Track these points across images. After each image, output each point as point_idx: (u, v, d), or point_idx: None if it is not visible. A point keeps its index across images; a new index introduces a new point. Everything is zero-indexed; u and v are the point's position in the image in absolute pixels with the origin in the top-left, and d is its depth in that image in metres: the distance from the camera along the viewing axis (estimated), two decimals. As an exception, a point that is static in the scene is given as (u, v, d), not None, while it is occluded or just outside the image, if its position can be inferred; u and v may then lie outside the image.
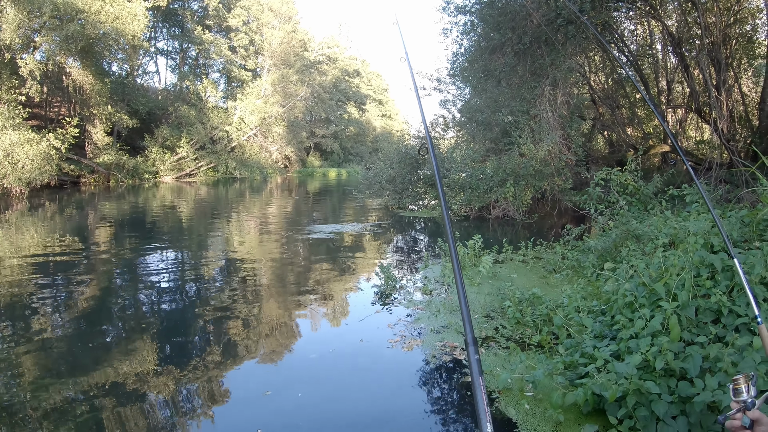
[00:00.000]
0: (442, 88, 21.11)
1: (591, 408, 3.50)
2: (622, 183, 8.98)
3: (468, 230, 12.58)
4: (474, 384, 1.31)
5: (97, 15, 23.29)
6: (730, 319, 3.55)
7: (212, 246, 11.25)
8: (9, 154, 20.20)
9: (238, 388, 4.39)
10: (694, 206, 6.61)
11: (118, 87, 31.23)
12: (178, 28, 42.72)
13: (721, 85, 13.11)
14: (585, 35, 14.67)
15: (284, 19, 46.53)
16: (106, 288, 7.66)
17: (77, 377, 4.45)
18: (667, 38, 15.82)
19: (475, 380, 1.30)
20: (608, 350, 3.74)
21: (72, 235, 11.95)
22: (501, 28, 15.17)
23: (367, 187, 19.98)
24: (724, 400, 2.83)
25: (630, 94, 19.62)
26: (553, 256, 8.39)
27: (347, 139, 67.05)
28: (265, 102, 42.14)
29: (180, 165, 35.30)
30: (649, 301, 4.03)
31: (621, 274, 5.13)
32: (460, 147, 17.65)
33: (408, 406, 4.09)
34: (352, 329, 5.85)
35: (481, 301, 6.49)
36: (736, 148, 13.19)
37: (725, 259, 3.99)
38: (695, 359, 3.15)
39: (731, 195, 9.58)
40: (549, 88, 15.08)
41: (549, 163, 14.50)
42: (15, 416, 3.79)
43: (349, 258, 10.08)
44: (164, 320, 6.18)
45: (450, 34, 22.77)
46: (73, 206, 18.89)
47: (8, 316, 6.16)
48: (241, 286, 7.74)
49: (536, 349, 4.86)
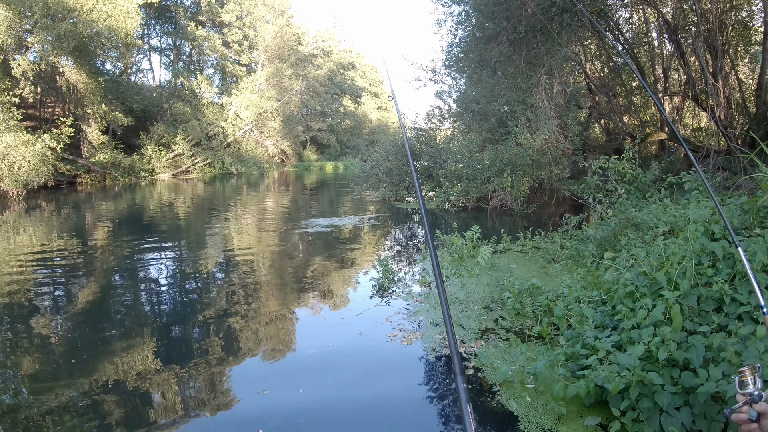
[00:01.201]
0: (438, 79, 21.01)
1: (593, 400, 3.47)
2: (620, 171, 8.94)
3: (466, 221, 12.54)
4: (463, 411, 1.30)
5: (89, 13, 23.11)
6: (732, 307, 3.51)
7: (210, 242, 11.20)
8: (5, 156, 20.09)
9: (239, 385, 4.36)
10: (693, 194, 6.58)
11: (113, 85, 31.04)
12: (171, 24, 42.52)
13: (718, 72, 13.05)
14: (580, 23, 14.59)
15: (278, 13, 46.24)
16: (105, 287, 7.62)
17: (77, 376, 4.41)
18: (663, 26, 15.71)
19: (464, 407, 1.29)
20: (610, 341, 3.71)
21: (70, 236, 11.90)
22: (496, 18, 15.07)
23: (364, 179, 19.94)
24: (728, 390, 2.78)
25: (626, 82, 19.54)
26: (551, 246, 8.35)
27: (343, 132, 66.83)
28: (260, 97, 41.96)
29: (176, 162, 35.16)
30: (650, 291, 3.99)
31: (621, 263, 5.10)
32: (457, 138, 17.59)
33: (408, 400, 4.06)
34: (350, 323, 5.81)
35: (480, 293, 6.46)
36: (733, 135, 13.14)
37: (726, 246, 3.95)
38: (698, 349, 3.11)
39: (729, 182, 9.54)
40: (545, 77, 15.01)
41: (546, 153, 14.45)
42: (16, 416, 3.75)
43: (347, 251, 10.05)
44: (163, 317, 6.15)
45: (444, 24, 22.78)
46: (71, 206, 18.82)
47: (9, 316, 6.13)
48: (240, 281, 7.70)
49: (537, 341, 4.83)
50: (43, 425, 3.69)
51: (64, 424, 3.68)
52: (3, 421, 3.72)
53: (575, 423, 3.44)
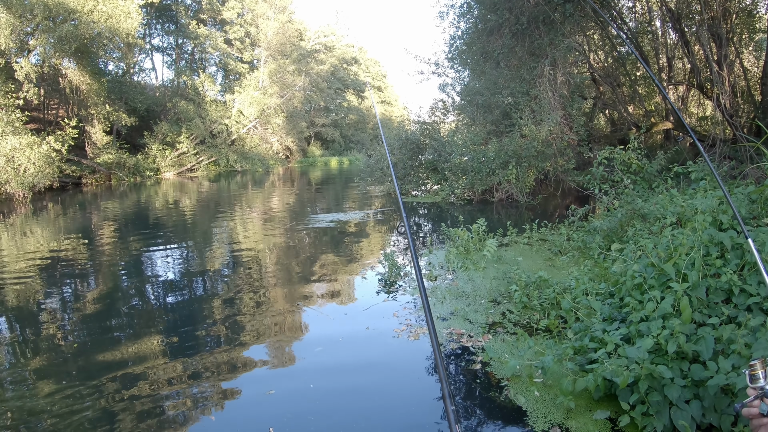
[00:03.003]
0: (441, 72, 20.95)
1: (602, 394, 3.45)
2: (626, 162, 8.88)
3: (472, 214, 12.51)
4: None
5: (90, 15, 23.10)
6: (742, 298, 3.48)
7: (216, 240, 11.22)
8: (10, 159, 20.15)
9: (247, 383, 4.35)
10: (701, 183, 6.53)
11: (115, 86, 31.07)
12: (172, 23, 42.42)
13: (723, 60, 12.94)
14: (583, 13, 14.50)
15: (279, 10, 46.11)
16: (112, 286, 7.64)
17: (85, 374, 4.43)
18: (666, 14, 15.61)
19: (453, 429, 1.29)
20: (618, 334, 3.68)
21: (77, 236, 11.94)
22: (498, 9, 15.01)
23: (368, 174, 19.94)
24: (738, 383, 2.76)
25: (630, 72, 19.42)
26: (558, 238, 8.32)
27: (347, 127, 66.76)
28: (263, 93, 41.93)
29: (181, 161, 35.22)
30: (658, 282, 3.96)
31: (628, 254, 5.06)
32: (461, 131, 17.56)
33: (415, 395, 4.05)
34: (357, 319, 5.81)
35: (487, 286, 6.44)
36: (739, 124, 13.05)
37: (734, 237, 3.91)
38: (708, 341, 3.08)
39: (736, 171, 9.46)
40: (548, 68, 14.94)
41: (551, 144, 14.40)
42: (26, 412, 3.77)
43: (353, 246, 10.05)
44: (171, 315, 6.16)
45: (446, 17, 22.74)
46: (77, 207, 18.89)
47: (19, 315, 6.16)
48: (247, 278, 7.71)
49: (544, 334, 4.81)
50: (52, 422, 3.70)
51: (72, 422, 3.69)
52: (12, 417, 3.74)
53: (584, 417, 3.42)
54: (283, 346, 5.24)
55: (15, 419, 3.81)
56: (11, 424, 3.73)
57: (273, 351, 5.11)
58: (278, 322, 5.89)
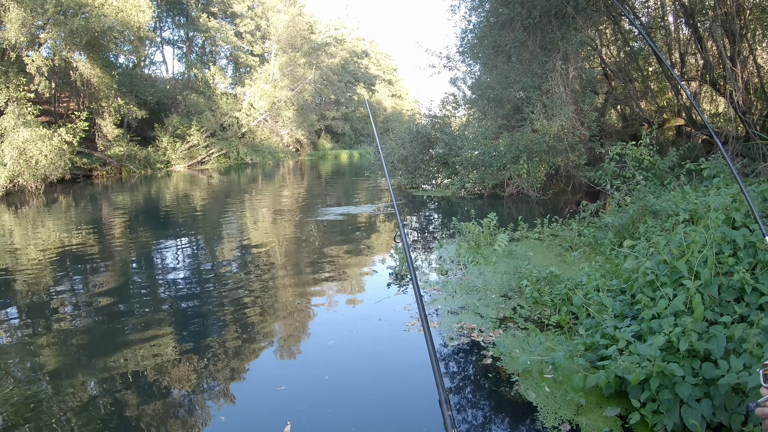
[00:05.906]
0: (452, 66, 20.86)
1: (613, 391, 3.46)
2: (638, 157, 8.85)
3: (482, 208, 12.50)
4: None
5: (101, 8, 23.18)
6: (754, 297, 3.46)
7: (226, 233, 11.27)
8: (23, 151, 20.32)
9: (262, 376, 4.40)
10: (714, 180, 6.49)
11: (126, 79, 31.17)
12: (183, 16, 42.43)
13: (736, 56, 12.81)
14: (595, 8, 14.39)
15: (289, 3, 46.00)
16: (123, 278, 7.71)
17: (96, 367, 4.49)
18: (680, 9, 15.46)
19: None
20: (630, 331, 3.69)
21: (88, 228, 12.05)
22: (510, 3, 14.93)
23: (379, 167, 19.94)
24: (749, 382, 2.76)
25: (643, 68, 19.27)
26: (569, 233, 8.31)
27: (358, 120, 66.65)
28: (273, 86, 41.94)
29: (191, 153, 35.37)
30: (670, 280, 3.96)
31: (640, 251, 5.05)
32: (472, 125, 17.51)
33: (426, 390, 4.07)
34: (369, 312, 5.85)
35: (498, 281, 6.45)
36: (752, 121, 12.94)
37: (747, 235, 3.89)
38: (719, 340, 3.08)
39: (748, 169, 9.40)
40: (560, 62, 14.86)
41: (562, 139, 14.34)
42: (37, 405, 3.82)
43: (364, 240, 10.07)
44: (181, 309, 6.21)
45: (458, 10, 22.57)
46: (88, 199, 19.02)
47: (31, 307, 6.24)
48: (258, 271, 7.75)
49: (555, 330, 4.82)
50: (64, 415, 3.75)
51: (83, 415, 3.75)
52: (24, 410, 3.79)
53: (594, 414, 3.43)
54: (296, 339, 5.28)
55: (23, 411, 3.86)
56: (20, 416, 3.78)
57: (288, 343, 5.15)
58: (290, 315, 5.93)
